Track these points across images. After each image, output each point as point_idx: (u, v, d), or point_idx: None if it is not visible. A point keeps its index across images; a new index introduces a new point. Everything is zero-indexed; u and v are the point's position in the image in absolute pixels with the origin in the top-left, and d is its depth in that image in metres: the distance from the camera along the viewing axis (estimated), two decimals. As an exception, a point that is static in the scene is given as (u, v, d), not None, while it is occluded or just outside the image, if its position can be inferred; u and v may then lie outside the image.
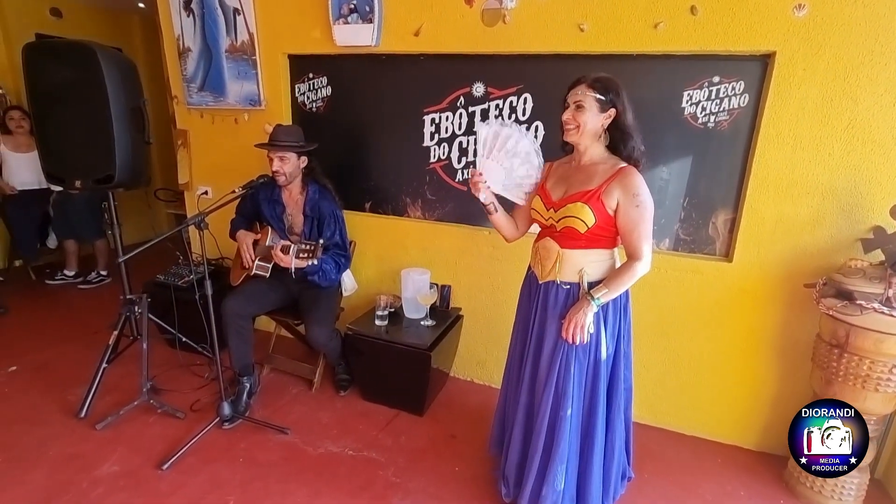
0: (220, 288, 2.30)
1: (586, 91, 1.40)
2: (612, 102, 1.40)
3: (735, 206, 2.02)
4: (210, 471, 1.89)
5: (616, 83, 1.41)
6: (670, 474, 2.00)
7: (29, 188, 3.60)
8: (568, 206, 1.46)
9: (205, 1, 2.64)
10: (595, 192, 1.42)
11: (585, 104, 1.40)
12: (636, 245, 1.42)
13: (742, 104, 1.92)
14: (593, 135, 1.44)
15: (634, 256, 1.43)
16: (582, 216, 1.43)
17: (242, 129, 2.79)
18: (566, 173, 1.55)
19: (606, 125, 1.43)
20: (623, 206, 1.40)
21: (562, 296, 1.52)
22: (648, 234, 1.41)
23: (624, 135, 1.44)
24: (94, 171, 2.09)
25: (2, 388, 2.38)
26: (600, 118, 1.41)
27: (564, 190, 1.51)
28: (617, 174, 1.41)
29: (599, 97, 1.39)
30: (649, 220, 1.41)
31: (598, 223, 1.43)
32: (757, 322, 2.05)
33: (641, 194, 1.39)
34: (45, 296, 3.62)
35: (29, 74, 2.05)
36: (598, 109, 1.40)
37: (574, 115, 1.42)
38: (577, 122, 1.41)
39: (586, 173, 1.47)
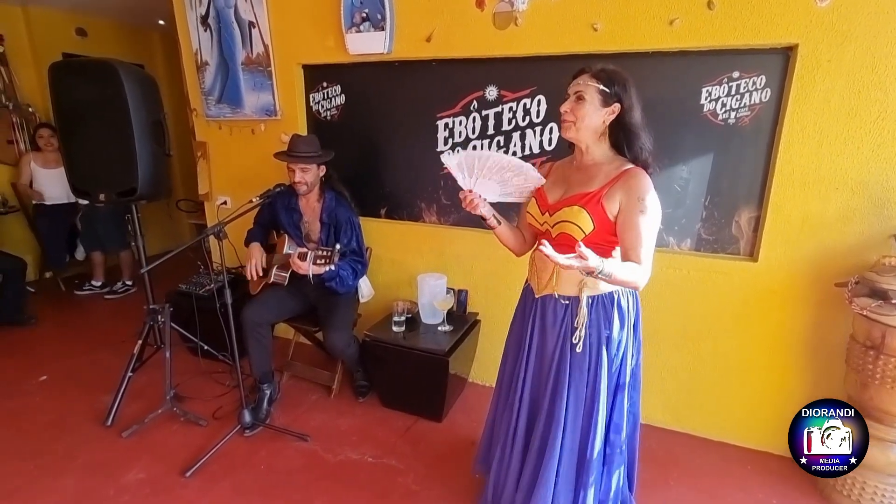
0: (239, 296, 2.33)
1: (589, 81, 1.25)
2: (618, 96, 1.25)
3: (759, 204, 1.96)
4: (232, 478, 1.91)
5: (624, 76, 1.27)
6: (697, 481, 1.94)
7: (58, 202, 3.73)
8: (564, 211, 1.30)
9: (221, 15, 2.70)
10: (595, 194, 1.27)
11: (587, 95, 1.25)
12: (633, 249, 1.21)
13: (764, 99, 1.87)
14: (593, 131, 1.29)
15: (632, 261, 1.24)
16: (579, 222, 1.27)
17: (259, 139, 2.83)
18: (566, 174, 1.41)
19: (609, 122, 1.28)
20: (625, 210, 1.24)
21: (560, 311, 1.37)
22: (650, 245, 1.23)
23: (629, 134, 1.28)
24: (117, 185, 2.14)
25: (33, 397, 2.45)
26: (602, 113, 1.26)
27: (563, 192, 1.37)
28: (622, 175, 1.26)
29: (603, 88, 1.24)
30: (653, 231, 1.23)
31: (597, 230, 1.27)
32: (785, 323, 1.98)
33: (648, 200, 1.22)
34: (73, 306, 3.73)
35: (55, 93, 2.13)
36: (600, 102, 1.25)
37: (573, 106, 1.27)
38: (576, 116, 1.26)
39: (587, 174, 1.33)
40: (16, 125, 3.84)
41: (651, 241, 1.23)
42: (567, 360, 1.38)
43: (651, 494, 1.86)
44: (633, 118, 1.27)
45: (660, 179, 2.05)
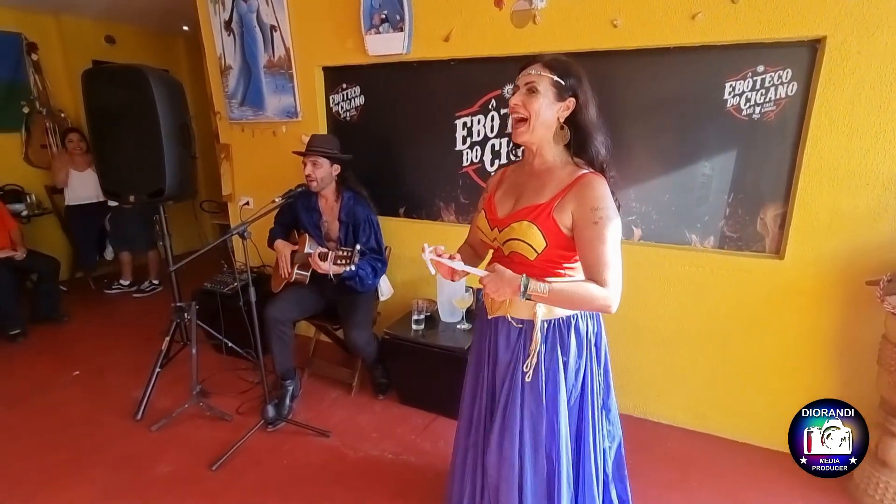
0: (262, 295, 2.38)
1: (542, 71, 1.12)
2: (573, 90, 1.12)
3: (785, 201, 1.92)
4: (256, 472, 1.95)
5: (578, 68, 1.15)
6: (721, 484, 1.91)
7: (87, 202, 3.86)
8: (512, 227, 1.16)
9: (244, 20, 2.76)
10: (546, 207, 1.13)
11: (539, 87, 1.11)
12: (595, 269, 1.09)
13: (790, 93, 1.83)
14: (546, 129, 1.15)
15: (595, 282, 1.11)
16: (529, 239, 1.13)
17: (280, 140, 2.89)
18: (518, 181, 1.25)
19: (563, 119, 1.15)
20: (579, 223, 1.11)
21: (514, 335, 1.24)
22: (614, 261, 1.10)
23: (584, 134, 1.15)
24: (146, 186, 2.21)
25: (66, 392, 2.55)
26: (556, 108, 1.13)
27: (513, 203, 1.22)
28: (574, 184, 1.12)
29: (558, 80, 1.11)
30: (614, 245, 1.10)
31: (550, 247, 1.14)
32: (813, 323, 1.93)
33: (602, 208, 1.08)
34: (103, 304, 3.85)
35: (88, 98, 2.21)
36: (554, 96, 1.12)
37: (524, 99, 1.13)
38: (529, 110, 1.12)
39: (539, 181, 1.18)
40: (49, 130, 3.99)
41: (614, 257, 1.10)
42: (518, 391, 1.23)
43: (673, 496, 1.84)
44: (588, 115, 1.15)
45: (681, 176, 2.05)
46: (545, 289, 1.06)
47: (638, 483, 1.90)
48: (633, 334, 2.23)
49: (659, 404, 2.28)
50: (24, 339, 3.10)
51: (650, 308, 2.17)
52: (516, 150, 1.21)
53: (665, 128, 2.04)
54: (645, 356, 2.24)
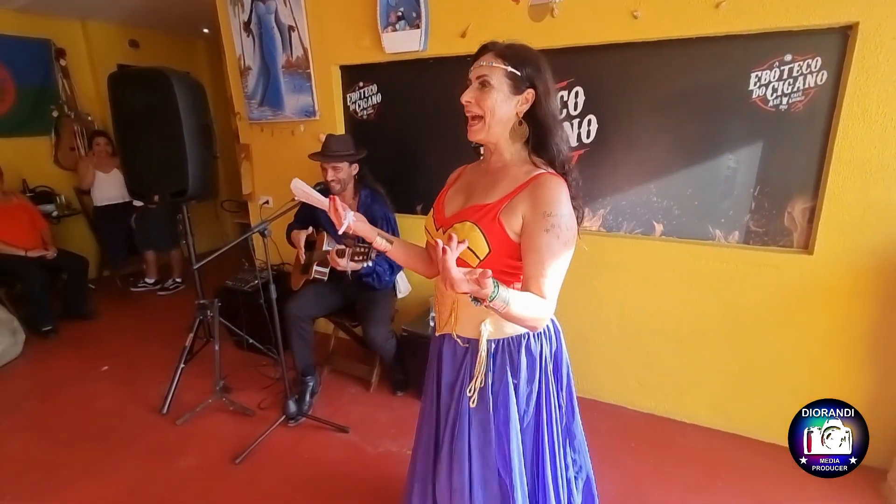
0: (282, 292, 2.41)
1: (494, 62, 0.99)
2: (530, 80, 0.99)
3: (814, 194, 1.86)
4: (278, 466, 1.98)
5: (536, 55, 1.02)
6: (747, 485, 1.86)
7: (113, 203, 3.97)
8: (455, 228, 1.04)
9: (262, 21, 2.79)
10: (493, 207, 1.00)
11: (493, 80, 0.99)
12: (535, 279, 0.96)
13: (819, 82, 1.76)
14: (503, 126, 1.03)
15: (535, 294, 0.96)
16: (471, 243, 0.99)
17: (299, 139, 2.92)
18: (472, 178, 1.16)
19: (522, 113, 1.02)
20: (528, 228, 0.98)
21: (460, 355, 1.13)
22: (557, 274, 0.97)
23: (542, 129, 1.02)
24: (169, 186, 2.26)
25: (97, 386, 2.63)
26: (514, 102, 1.00)
27: (462, 201, 1.11)
28: (528, 183, 0.99)
29: (513, 71, 0.98)
30: (562, 256, 0.97)
31: (495, 253, 1.00)
32: (844, 319, 1.87)
33: (557, 214, 0.95)
34: (129, 302, 3.96)
35: (114, 101, 2.27)
36: (510, 89, 0.99)
37: (477, 95, 1.01)
38: (482, 107, 1.00)
39: (492, 180, 1.07)
40: (77, 133, 4.12)
41: (558, 270, 0.97)
42: (465, 416, 1.11)
43: (697, 497, 1.81)
44: (548, 108, 1.02)
45: (704, 169, 2.00)
46: (507, 300, 0.87)
47: (661, 483, 1.88)
48: (655, 331, 2.19)
49: (682, 403, 2.24)
50: (56, 336, 3.21)
51: (673, 304, 2.13)
52: (478, 147, 1.11)
53: (687, 120, 1.99)
54: (667, 354, 2.20)
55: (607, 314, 2.28)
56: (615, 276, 2.22)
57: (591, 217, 2.25)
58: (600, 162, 2.16)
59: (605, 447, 2.07)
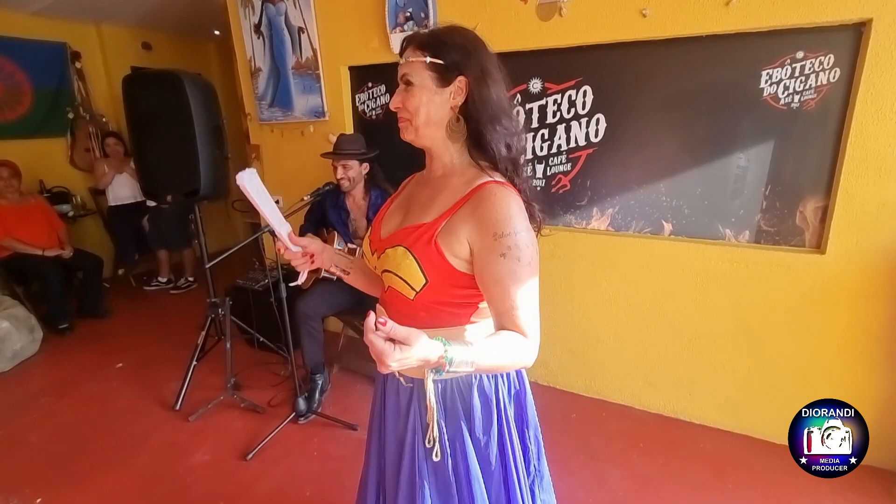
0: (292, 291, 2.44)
1: (412, 56, 0.86)
2: (458, 68, 0.84)
3: (827, 193, 1.83)
4: (288, 462, 2.01)
5: (464, 37, 0.87)
6: (758, 487, 1.85)
7: (125, 202, 4.04)
8: (387, 253, 0.89)
9: (272, 22, 2.82)
10: (429, 228, 0.85)
11: (414, 78, 0.85)
12: (508, 316, 0.81)
13: (832, 79, 1.74)
14: (437, 126, 0.88)
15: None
16: (402, 273, 0.85)
17: (308, 140, 2.94)
18: (414, 191, 0.99)
19: (458, 105, 0.86)
20: (481, 256, 0.82)
21: (404, 398, 0.97)
22: (527, 302, 0.81)
23: (474, 123, 0.86)
24: (182, 186, 2.30)
25: (111, 383, 2.68)
26: (444, 97, 0.85)
27: (400, 220, 0.95)
28: (469, 196, 0.84)
29: (433, 60, 0.84)
30: (528, 278, 0.81)
31: (433, 283, 0.85)
32: (857, 320, 1.85)
33: (510, 233, 0.79)
34: (143, 300, 4.03)
35: (127, 103, 2.31)
36: (435, 82, 0.85)
37: (402, 98, 0.88)
38: (409, 110, 0.87)
39: (431, 192, 0.91)
40: (92, 135, 4.19)
41: (530, 297, 0.81)
42: (423, 470, 0.95)
43: (706, 497, 1.80)
44: (480, 98, 0.85)
45: (714, 168, 1.99)
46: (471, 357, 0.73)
47: (669, 483, 1.87)
48: (665, 332, 2.18)
49: (691, 403, 2.22)
50: (72, 333, 3.28)
51: (682, 305, 2.12)
52: None
53: (697, 119, 1.98)
54: (677, 354, 2.19)
55: (616, 313, 2.27)
56: (624, 275, 2.21)
57: (599, 216, 2.24)
58: (609, 161, 2.16)
59: (614, 447, 2.06)
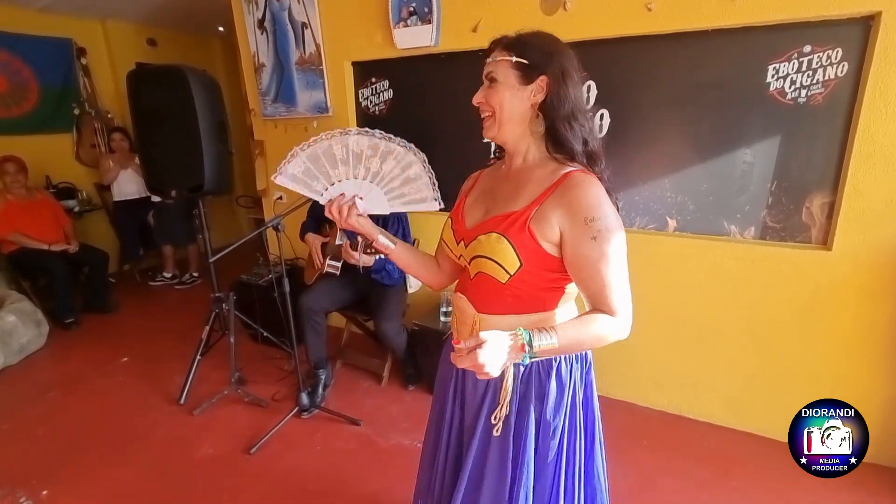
0: (296, 286, 2.45)
1: (499, 56, 0.92)
2: (541, 68, 0.89)
3: (834, 188, 1.82)
4: (291, 456, 2.02)
5: (549, 39, 0.93)
6: (762, 483, 1.84)
7: (130, 198, 4.06)
8: (479, 240, 0.94)
9: (276, 18, 2.82)
10: (520, 215, 0.90)
11: (499, 76, 0.91)
12: (600, 296, 0.87)
13: (840, 74, 1.72)
14: (518, 122, 0.93)
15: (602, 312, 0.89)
16: (498, 257, 0.91)
17: (312, 136, 2.92)
18: (493, 184, 1.05)
19: (539, 104, 0.92)
20: (571, 240, 0.87)
21: (482, 382, 1.02)
22: (619, 281, 0.88)
23: (550, 120, 0.91)
24: (186, 181, 2.31)
25: (117, 377, 2.71)
26: (526, 94, 0.91)
27: (485, 211, 1.00)
28: (556, 185, 0.89)
29: (518, 60, 0.90)
30: (618, 257, 0.87)
31: (527, 267, 0.90)
32: (864, 317, 1.83)
33: (599, 217, 0.85)
34: (148, 295, 4.06)
35: (132, 98, 2.31)
36: (518, 80, 0.90)
37: (486, 94, 0.94)
38: (491, 105, 0.93)
39: (515, 184, 0.96)
40: (98, 130, 4.21)
41: (622, 278, 0.88)
42: (486, 445, 1.02)
43: (712, 494, 1.79)
44: (559, 97, 0.89)
45: (720, 164, 1.97)
46: (554, 342, 0.80)
47: (674, 480, 1.87)
48: (669, 329, 2.17)
49: (696, 400, 2.22)
50: (78, 328, 3.31)
51: (687, 302, 2.11)
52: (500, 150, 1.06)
53: (703, 114, 1.96)
54: (682, 352, 2.18)
55: (619, 310, 2.26)
56: (628, 271, 2.20)
57: (603, 212, 2.23)
58: (612, 156, 2.10)
59: (619, 444, 2.06)
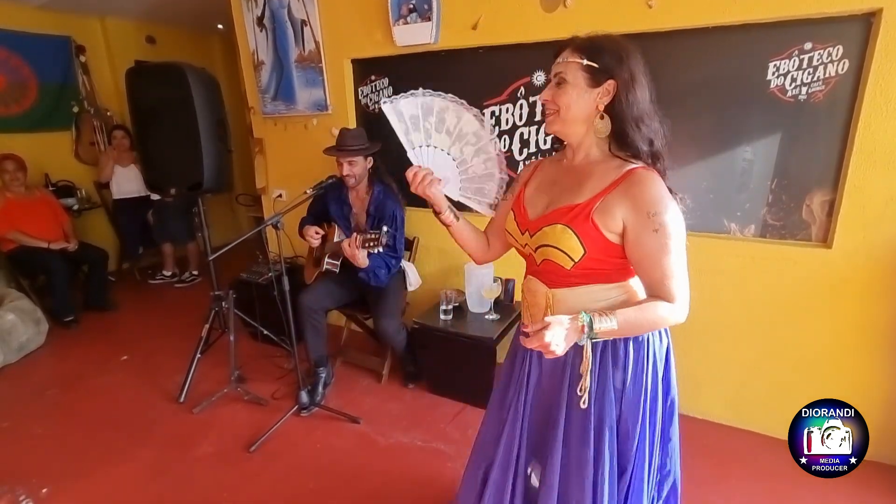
0: (296, 284, 2.45)
1: (570, 57, 0.97)
2: (610, 72, 0.95)
3: (834, 186, 1.81)
4: (291, 454, 2.02)
5: (619, 44, 0.97)
6: (762, 481, 1.84)
7: (130, 196, 4.05)
8: (545, 231, 1.01)
9: (275, 15, 2.81)
10: (584, 207, 0.97)
11: (568, 76, 0.97)
12: (660, 285, 0.96)
13: (840, 71, 1.72)
14: (583, 121, 1.00)
15: (661, 298, 0.97)
16: (563, 245, 0.98)
17: (311, 133, 2.94)
18: (554, 176, 1.11)
19: (604, 105, 0.97)
20: (634, 232, 0.95)
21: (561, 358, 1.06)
22: (679, 270, 0.96)
23: (619, 123, 0.97)
24: (185, 179, 2.30)
25: (117, 375, 2.71)
26: (592, 96, 0.97)
27: (547, 202, 1.07)
28: (621, 181, 0.96)
29: (588, 63, 0.95)
30: (679, 252, 0.95)
31: (590, 255, 0.98)
32: (863, 315, 1.83)
33: (661, 212, 0.93)
34: (148, 294, 4.06)
35: (131, 95, 2.31)
36: (586, 82, 0.96)
37: (554, 93, 1.00)
38: (558, 104, 1.00)
39: (577, 178, 1.03)
40: (97, 128, 4.21)
41: (681, 268, 0.96)
42: (568, 416, 1.10)
43: (711, 492, 1.79)
44: (627, 101, 0.95)
45: (720, 161, 1.97)
46: (613, 325, 0.93)
47: (671, 477, 1.87)
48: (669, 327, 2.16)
49: (696, 399, 2.21)
50: (77, 326, 3.31)
51: (686, 299, 2.10)
52: (558, 143, 1.12)
53: (703, 112, 1.96)
54: (682, 349, 2.14)
55: (619, 308, 2.26)
56: (627, 269, 2.20)
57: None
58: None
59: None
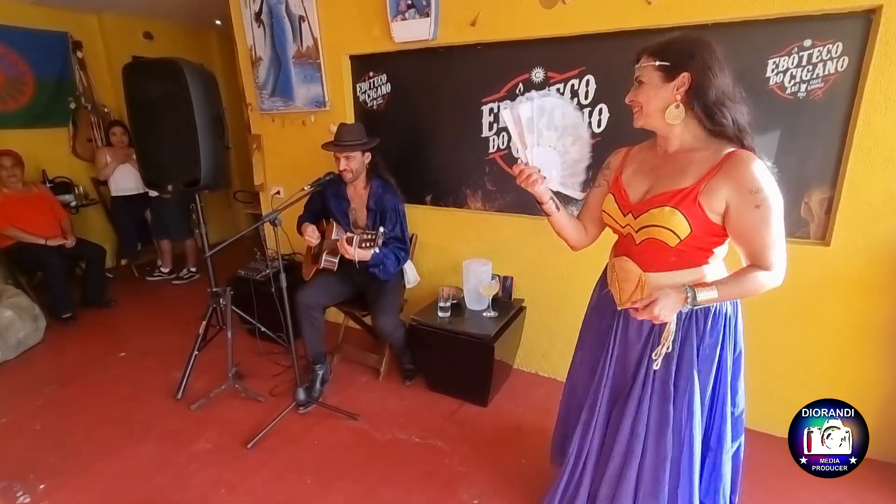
0: (293, 281, 2.44)
1: (644, 62, 1.13)
2: (682, 66, 1.08)
3: (833, 184, 1.81)
4: (288, 451, 2.02)
5: (690, 41, 1.11)
6: (761, 480, 1.84)
7: (128, 193, 4.04)
8: (652, 213, 1.14)
9: (273, 11, 2.80)
10: (691, 191, 1.10)
11: (644, 78, 1.13)
12: (760, 255, 1.09)
13: (840, 68, 1.71)
14: (660, 113, 1.14)
15: (759, 267, 1.11)
16: (672, 226, 1.11)
17: (309, 130, 2.93)
18: (650, 163, 1.24)
19: (682, 95, 1.10)
20: (737, 210, 1.07)
21: (646, 327, 1.26)
22: (778, 240, 1.08)
23: (704, 107, 1.08)
24: (183, 176, 2.29)
25: (114, 371, 2.70)
26: (668, 91, 1.10)
27: (648, 187, 1.20)
28: (722, 164, 1.07)
29: (660, 63, 1.10)
30: (779, 226, 1.07)
31: (694, 233, 1.11)
32: (861, 313, 1.83)
33: (762, 189, 1.04)
34: (145, 290, 4.05)
35: (128, 91, 2.29)
36: (660, 79, 1.11)
37: (635, 93, 1.16)
38: (639, 102, 1.15)
39: (677, 164, 1.15)
40: (94, 124, 4.19)
41: (781, 239, 1.08)
42: (650, 379, 1.26)
43: (706, 488, 1.80)
44: (707, 86, 1.07)
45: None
46: (714, 294, 1.10)
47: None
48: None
49: (692, 395, 2.22)
50: (75, 323, 3.30)
51: (683, 297, 2.10)
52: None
53: (702, 109, 1.95)
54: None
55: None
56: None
57: (601, 208, 2.23)
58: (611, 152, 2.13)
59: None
